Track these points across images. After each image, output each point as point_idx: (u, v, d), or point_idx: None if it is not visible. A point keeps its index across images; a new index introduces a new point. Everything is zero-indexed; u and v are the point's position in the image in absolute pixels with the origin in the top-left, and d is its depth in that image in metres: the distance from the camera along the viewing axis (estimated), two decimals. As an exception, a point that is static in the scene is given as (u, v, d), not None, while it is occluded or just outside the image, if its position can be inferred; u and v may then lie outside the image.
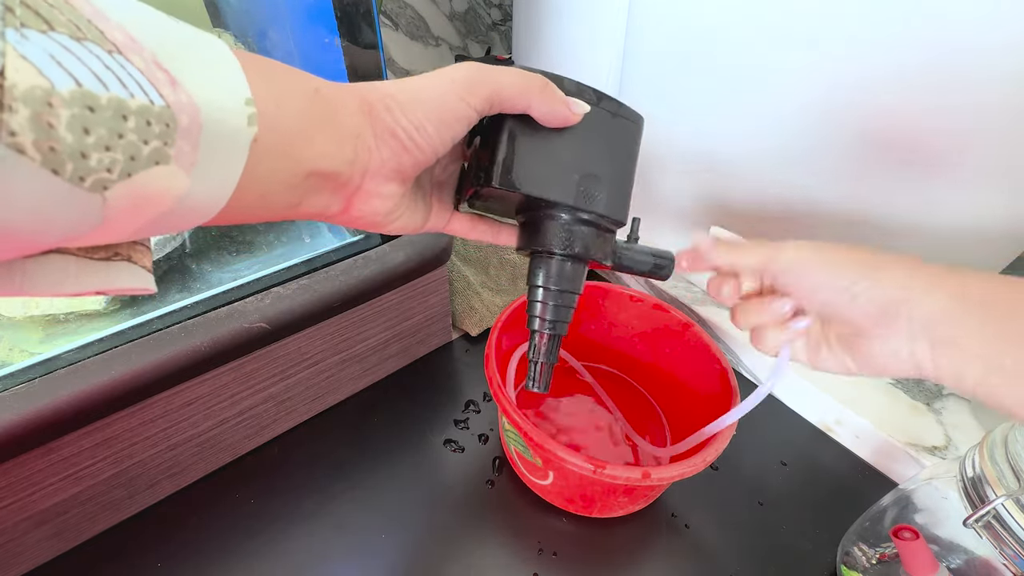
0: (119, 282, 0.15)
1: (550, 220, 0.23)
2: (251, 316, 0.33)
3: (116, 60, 0.11)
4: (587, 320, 0.45)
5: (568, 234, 0.23)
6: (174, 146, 0.12)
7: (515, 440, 0.35)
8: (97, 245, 0.14)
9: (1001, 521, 0.24)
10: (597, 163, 0.22)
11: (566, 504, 0.37)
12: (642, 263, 0.27)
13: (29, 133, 0.09)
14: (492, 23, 0.82)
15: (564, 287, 0.24)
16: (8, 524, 0.30)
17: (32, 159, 0.09)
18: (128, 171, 0.11)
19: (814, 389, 0.44)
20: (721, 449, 0.30)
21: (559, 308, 0.24)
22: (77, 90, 0.10)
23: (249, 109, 0.14)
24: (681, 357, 0.41)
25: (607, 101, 0.22)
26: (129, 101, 0.11)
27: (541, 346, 0.25)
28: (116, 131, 0.11)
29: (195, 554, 0.34)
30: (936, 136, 0.33)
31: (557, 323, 0.25)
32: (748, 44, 0.39)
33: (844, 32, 0.34)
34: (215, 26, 0.47)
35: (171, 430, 0.34)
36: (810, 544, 0.37)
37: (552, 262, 0.24)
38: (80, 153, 0.10)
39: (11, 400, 0.27)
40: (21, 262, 0.13)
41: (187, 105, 0.12)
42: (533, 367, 0.25)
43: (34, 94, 0.09)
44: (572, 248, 0.23)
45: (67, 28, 0.10)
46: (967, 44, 0.30)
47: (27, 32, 0.09)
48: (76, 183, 0.10)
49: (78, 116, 0.10)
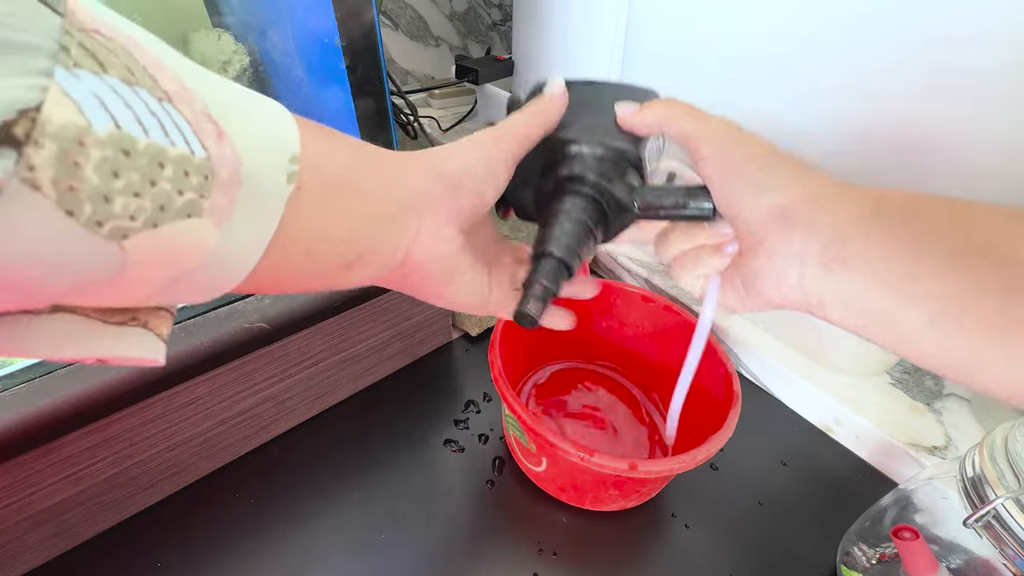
0: (124, 351, 0.13)
1: (563, 159, 0.23)
2: (251, 316, 0.33)
3: (164, 107, 0.11)
4: (599, 318, 0.46)
5: (578, 161, 0.23)
6: (210, 198, 0.12)
7: (513, 425, 0.35)
8: (114, 308, 0.13)
9: (1001, 521, 0.24)
10: (602, 116, 0.23)
11: (559, 492, 0.37)
12: (669, 198, 0.23)
13: (50, 170, 0.09)
14: (492, 23, 0.82)
15: (578, 215, 0.23)
16: (8, 524, 0.30)
17: (46, 196, 0.09)
18: (154, 221, 0.11)
19: (814, 389, 0.44)
20: (716, 448, 0.30)
21: (571, 235, 0.22)
22: (115, 132, 0.10)
23: (292, 167, 0.14)
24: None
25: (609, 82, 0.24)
26: (169, 149, 0.11)
27: (546, 268, 0.22)
28: (149, 178, 0.10)
29: (195, 554, 0.34)
30: (935, 133, 0.33)
31: (567, 248, 0.22)
32: (747, 43, 0.39)
33: (844, 31, 0.34)
34: (215, 26, 0.47)
35: (171, 430, 0.34)
36: (810, 544, 0.37)
37: (569, 197, 0.23)
38: (103, 196, 0.10)
39: (11, 400, 0.27)
40: (27, 320, 0.12)
41: (230, 158, 0.12)
42: (530, 288, 0.22)
43: (67, 132, 0.09)
44: (580, 170, 0.23)
45: (120, 72, 0.10)
46: (967, 42, 0.30)
47: (78, 72, 0.09)
48: (92, 228, 0.10)
49: (110, 159, 0.10)
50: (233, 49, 0.45)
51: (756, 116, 0.41)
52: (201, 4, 0.47)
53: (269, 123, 0.13)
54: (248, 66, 0.44)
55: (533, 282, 0.22)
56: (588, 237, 0.23)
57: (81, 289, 0.11)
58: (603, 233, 0.24)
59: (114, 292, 0.12)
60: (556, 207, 0.23)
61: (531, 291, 0.22)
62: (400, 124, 0.65)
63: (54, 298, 0.11)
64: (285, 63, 0.42)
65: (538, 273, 0.22)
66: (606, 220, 0.24)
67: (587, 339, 0.47)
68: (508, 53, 0.71)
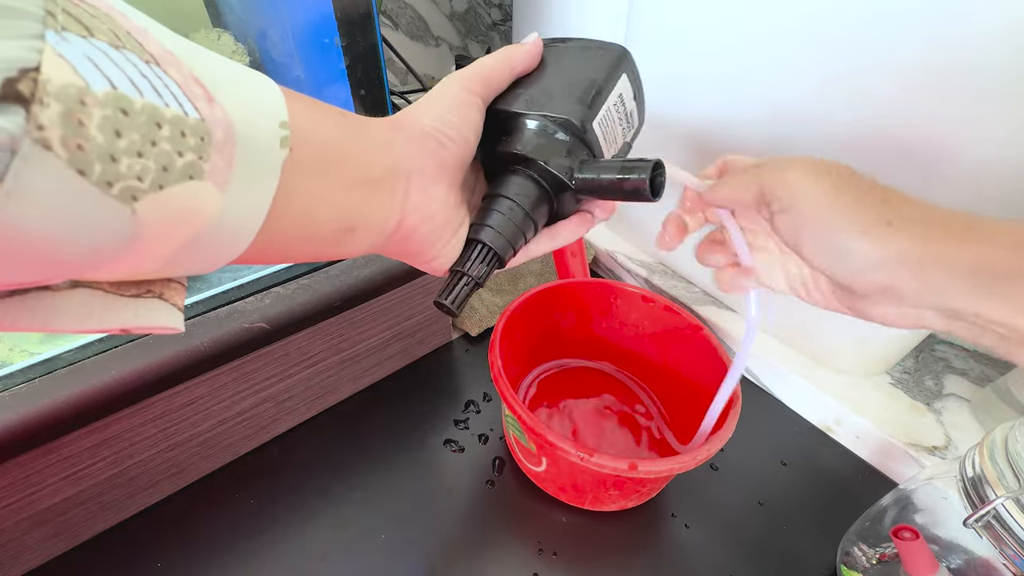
0: (145, 320, 0.14)
1: (504, 134, 0.22)
2: (251, 316, 0.33)
3: (153, 70, 0.11)
4: (599, 318, 0.46)
5: (516, 137, 0.22)
6: (208, 160, 0.12)
7: (513, 425, 0.35)
8: (129, 280, 0.13)
9: (1001, 521, 0.24)
10: (551, 81, 0.22)
11: (558, 493, 0.37)
12: (606, 174, 0.20)
13: (58, 129, 0.09)
14: (492, 23, 0.82)
15: (510, 194, 0.21)
16: (8, 524, 0.30)
17: (58, 156, 0.09)
18: (160, 183, 0.11)
19: (814, 389, 0.44)
20: (716, 448, 0.30)
21: (503, 219, 0.21)
22: (111, 92, 0.10)
23: (283, 132, 0.14)
24: (690, 360, 0.41)
25: (577, 40, 0.23)
26: (164, 109, 0.11)
27: (473, 256, 0.21)
28: (149, 138, 0.10)
29: (195, 554, 0.34)
30: (935, 133, 0.33)
31: (497, 234, 0.21)
32: (747, 43, 0.39)
33: (844, 29, 0.34)
34: (215, 26, 0.47)
35: (171, 430, 0.34)
36: (810, 544, 0.37)
37: (507, 177, 0.22)
38: (110, 156, 0.10)
39: (11, 400, 0.27)
40: (50, 297, 0.12)
41: (222, 120, 0.12)
42: (453, 276, 0.21)
43: (68, 91, 0.09)
44: (515, 147, 0.21)
45: (107, 36, 0.10)
46: (966, 40, 0.30)
47: (67, 35, 0.09)
48: (103, 188, 0.10)
49: (110, 117, 0.10)
50: (233, 49, 0.45)
51: (758, 115, 0.41)
52: (201, 4, 0.47)
53: (256, 90, 0.14)
54: (248, 66, 0.44)
55: (458, 272, 0.21)
56: (526, 222, 0.21)
57: (96, 258, 0.11)
58: (545, 216, 0.23)
59: (128, 261, 0.12)
60: (496, 186, 0.22)
61: (454, 281, 0.20)
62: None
63: (71, 269, 0.11)
64: (285, 63, 0.42)
65: (466, 263, 0.21)
66: (550, 202, 0.22)
67: (587, 339, 0.47)
68: (508, 53, 0.71)
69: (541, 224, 0.22)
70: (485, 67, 0.21)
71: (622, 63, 0.23)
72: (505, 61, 0.22)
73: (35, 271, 0.11)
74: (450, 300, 0.20)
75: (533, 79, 0.23)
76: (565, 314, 0.45)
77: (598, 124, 0.22)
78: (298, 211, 0.15)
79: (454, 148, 0.20)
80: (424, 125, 0.19)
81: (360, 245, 0.18)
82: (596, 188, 0.21)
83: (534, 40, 0.23)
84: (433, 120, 0.19)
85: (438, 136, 0.19)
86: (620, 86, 0.23)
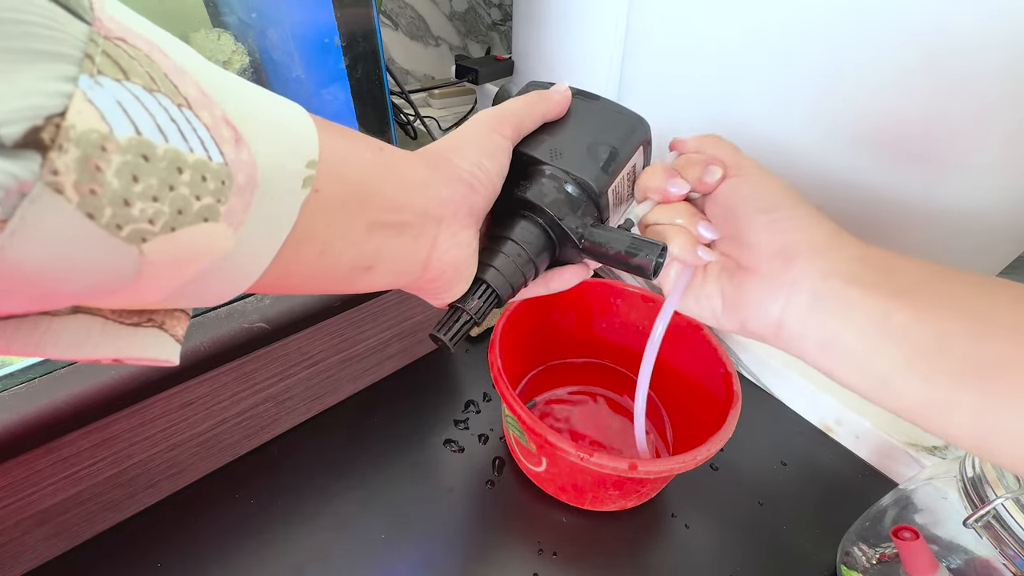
0: (140, 351, 0.14)
1: (522, 178, 0.23)
2: (251, 316, 0.33)
3: (183, 114, 0.11)
4: (599, 317, 0.46)
5: (535, 186, 0.22)
6: (227, 203, 0.12)
7: (513, 425, 0.35)
8: (131, 309, 0.13)
9: (1001, 521, 0.24)
10: (576, 137, 0.23)
11: (558, 492, 0.37)
12: (616, 244, 0.21)
13: (72, 174, 0.09)
14: (492, 23, 0.82)
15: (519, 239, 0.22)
16: (8, 524, 0.30)
17: (68, 200, 0.09)
18: (172, 225, 0.11)
19: (814, 389, 0.44)
20: (716, 448, 0.30)
21: (509, 262, 0.22)
22: (135, 138, 0.10)
23: (308, 171, 0.14)
24: (689, 359, 0.41)
25: (606, 100, 0.23)
26: (187, 155, 0.11)
27: (477, 295, 0.21)
28: (167, 183, 0.11)
29: (195, 554, 0.34)
30: (935, 130, 0.33)
31: (502, 277, 0.21)
32: (747, 43, 0.39)
33: (844, 28, 0.34)
34: (215, 26, 0.47)
35: (171, 430, 0.34)
36: (810, 544, 0.37)
37: (517, 220, 0.22)
38: (123, 200, 0.10)
39: (11, 400, 0.27)
40: (48, 321, 0.12)
41: (247, 163, 0.12)
42: (454, 312, 0.21)
43: (89, 137, 0.09)
44: (533, 196, 0.22)
45: (142, 80, 0.10)
46: (966, 38, 0.30)
47: (101, 79, 0.09)
48: (112, 231, 0.10)
49: (130, 163, 0.10)
50: (233, 49, 0.45)
51: (757, 115, 0.41)
52: (201, 4, 0.47)
53: (288, 126, 0.14)
54: (248, 66, 0.43)
55: (460, 309, 0.21)
56: (528, 266, 0.22)
57: (100, 290, 0.11)
58: (546, 263, 0.23)
59: (131, 294, 0.12)
60: (506, 228, 0.22)
61: (455, 317, 0.21)
62: (400, 124, 0.65)
63: (74, 299, 0.11)
64: (285, 63, 0.42)
65: (469, 300, 0.21)
66: (552, 250, 0.23)
67: (587, 339, 0.47)
68: (508, 53, 0.71)
69: (541, 270, 0.23)
70: (518, 115, 0.21)
71: (642, 135, 0.24)
72: (539, 112, 0.22)
73: (29, 304, 0.11)
74: (449, 336, 0.20)
75: (558, 129, 0.23)
76: (565, 314, 0.45)
77: (612, 191, 0.23)
78: (315, 247, 0.15)
79: (484, 193, 0.20)
80: (461, 170, 0.19)
81: (377, 283, 0.18)
82: (601, 254, 0.22)
83: (564, 91, 0.23)
84: (470, 166, 0.19)
85: (472, 181, 0.19)
86: (636, 157, 0.24)
